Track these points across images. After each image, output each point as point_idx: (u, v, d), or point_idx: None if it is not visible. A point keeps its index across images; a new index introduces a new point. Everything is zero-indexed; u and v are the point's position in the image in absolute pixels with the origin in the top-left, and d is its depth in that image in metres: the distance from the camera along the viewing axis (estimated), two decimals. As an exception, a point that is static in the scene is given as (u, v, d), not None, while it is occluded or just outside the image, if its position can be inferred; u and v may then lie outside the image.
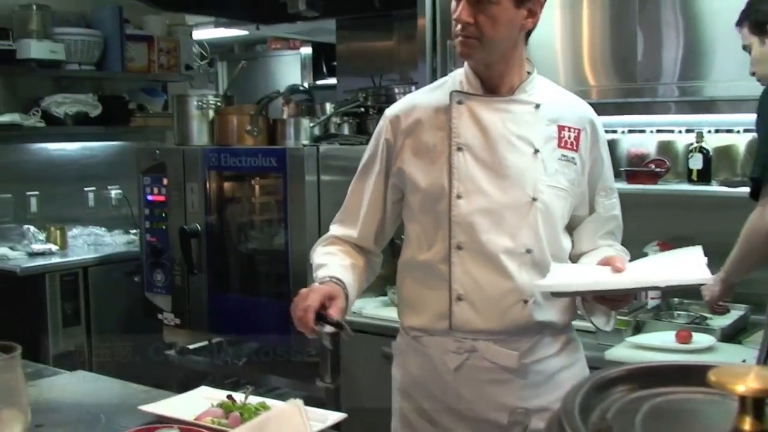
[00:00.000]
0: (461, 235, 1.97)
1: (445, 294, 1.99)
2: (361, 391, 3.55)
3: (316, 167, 3.48)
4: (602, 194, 2.10)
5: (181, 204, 3.85)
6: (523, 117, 1.99)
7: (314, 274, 2.06)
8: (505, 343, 1.98)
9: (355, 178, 2.20)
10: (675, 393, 0.70)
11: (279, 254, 3.58)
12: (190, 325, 3.92)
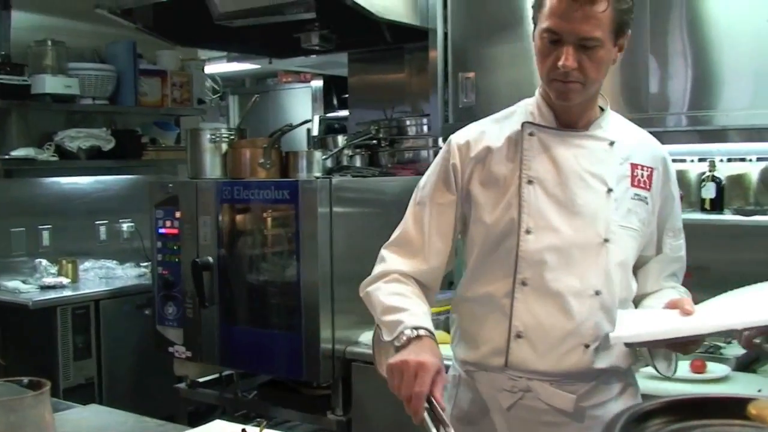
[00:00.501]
0: (527, 271, 1.90)
1: (504, 330, 1.91)
2: (373, 423, 3.53)
3: (329, 199, 3.48)
4: (670, 234, 2.04)
5: (194, 237, 3.85)
6: (598, 154, 1.94)
7: (383, 316, 1.88)
8: (561, 384, 1.91)
9: (416, 205, 2.05)
10: (711, 426, 0.69)
11: (291, 286, 3.57)
12: (201, 357, 3.90)
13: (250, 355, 3.75)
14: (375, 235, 3.69)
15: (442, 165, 2.02)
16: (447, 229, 1.99)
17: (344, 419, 3.58)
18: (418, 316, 1.82)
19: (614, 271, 1.90)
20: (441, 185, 2.00)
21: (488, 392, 1.99)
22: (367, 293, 2.00)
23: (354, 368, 3.55)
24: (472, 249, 2.00)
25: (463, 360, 2.04)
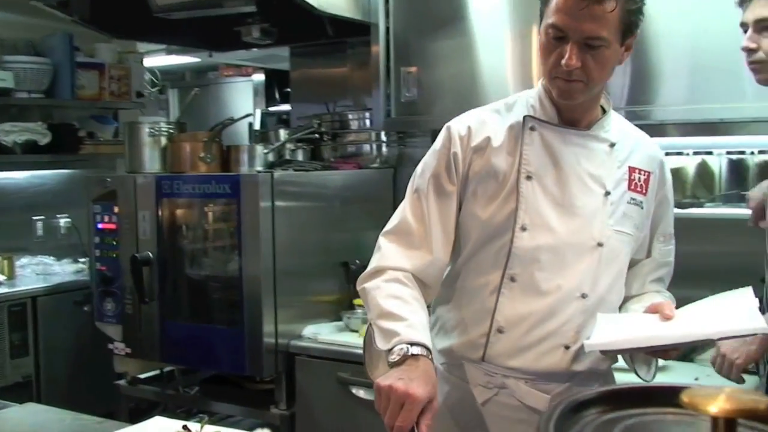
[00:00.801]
0: (518, 267, 1.87)
1: (486, 323, 1.89)
2: (317, 417, 3.53)
3: (271, 193, 3.46)
4: (661, 239, 2.03)
5: (133, 232, 3.80)
6: (598, 155, 1.91)
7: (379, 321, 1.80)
8: (536, 383, 1.90)
9: (414, 194, 1.97)
10: (645, 414, 0.70)
11: (233, 281, 3.55)
12: (142, 354, 3.85)
13: (192, 351, 3.71)
14: (318, 229, 3.73)
15: (443, 153, 1.95)
16: (449, 220, 1.93)
17: (288, 413, 3.58)
18: (416, 329, 1.73)
19: (603, 275, 1.88)
20: (442, 174, 1.93)
21: (464, 386, 1.97)
22: (364, 290, 1.90)
23: (297, 362, 3.55)
24: (464, 242, 1.95)
25: (440, 349, 2.01)
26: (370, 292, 1.86)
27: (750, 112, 2.97)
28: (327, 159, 4.05)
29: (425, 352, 1.69)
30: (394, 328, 1.73)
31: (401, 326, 1.73)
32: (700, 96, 3.00)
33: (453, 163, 1.92)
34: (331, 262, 3.75)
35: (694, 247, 3.41)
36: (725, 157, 3.32)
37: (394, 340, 1.71)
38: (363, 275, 1.93)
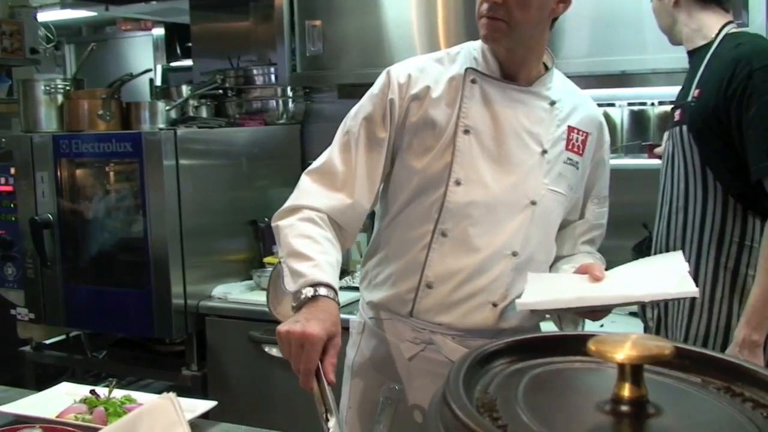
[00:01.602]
0: (450, 222, 1.84)
1: (416, 278, 1.87)
2: (229, 376, 3.52)
3: (175, 152, 3.38)
4: (595, 201, 2.02)
5: (31, 194, 3.68)
6: (538, 113, 1.89)
7: (288, 260, 1.75)
8: (463, 340, 1.88)
9: (344, 135, 1.91)
10: (553, 363, 0.71)
11: (138, 242, 3.47)
12: (46, 319, 3.75)
13: (98, 315, 3.64)
14: (225, 188, 3.68)
15: (380, 98, 1.89)
16: (376, 167, 1.88)
17: (199, 374, 3.55)
18: (322, 269, 1.70)
19: (535, 233, 1.88)
20: (376, 120, 1.88)
21: (392, 341, 1.97)
22: (277, 227, 1.84)
23: (208, 322, 3.51)
24: (397, 194, 1.92)
25: (370, 303, 2.00)
26: (283, 229, 1.82)
27: (651, 64, 3.02)
28: (232, 116, 3.97)
29: (327, 291, 1.66)
30: (300, 269, 1.70)
31: (307, 266, 1.70)
32: (602, 48, 3.04)
33: (389, 110, 1.88)
34: (239, 221, 3.71)
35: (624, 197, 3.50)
36: (627, 108, 3.39)
37: (299, 282, 1.68)
38: (279, 212, 1.87)
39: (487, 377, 0.68)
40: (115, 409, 1.91)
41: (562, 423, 0.59)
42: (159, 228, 3.39)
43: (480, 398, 0.62)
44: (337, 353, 1.60)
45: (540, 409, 0.61)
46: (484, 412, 0.57)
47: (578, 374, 0.71)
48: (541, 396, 0.64)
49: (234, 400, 3.41)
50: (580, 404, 0.63)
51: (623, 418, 0.59)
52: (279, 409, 3.35)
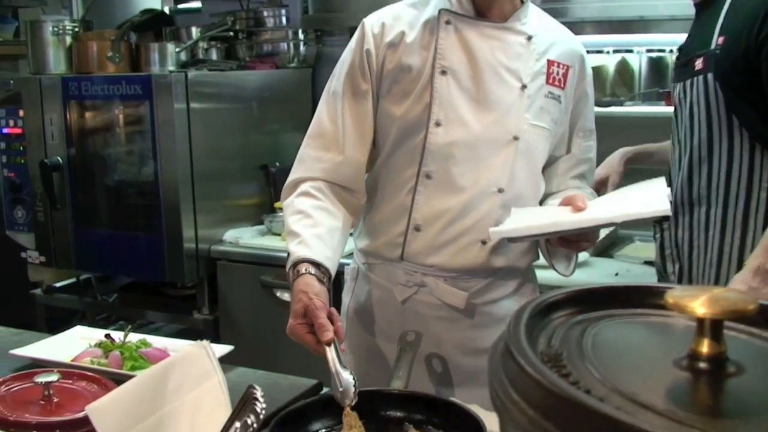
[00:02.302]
0: (433, 164, 1.84)
1: (404, 222, 1.88)
2: (240, 320, 3.52)
3: (185, 94, 3.34)
4: (581, 135, 2.00)
5: (40, 136, 3.65)
6: (515, 48, 1.86)
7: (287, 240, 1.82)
8: (455, 281, 1.90)
9: (329, 95, 1.93)
10: (616, 315, 0.69)
11: (148, 186, 3.45)
12: (56, 262, 3.76)
13: (109, 258, 3.64)
14: (235, 132, 3.64)
15: (357, 51, 1.90)
16: (363, 119, 1.89)
17: (211, 318, 3.56)
18: (305, 245, 1.75)
19: (520, 169, 1.86)
20: (355, 72, 1.89)
21: (384, 285, 1.98)
22: (283, 207, 1.91)
23: (219, 267, 3.51)
24: (382, 142, 1.92)
25: (362, 250, 2.02)
26: (284, 209, 1.89)
27: (665, 10, 2.97)
28: (242, 58, 3.92)
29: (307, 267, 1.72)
30: (290, 248, 1.77)
31: (294, 245, 1.76)
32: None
33: (366, 60, 1.88)
34: (250, 165, 3.68)
35: (614, 146, 3.47)
36: (645, 55, 3.34)
37: (288, 263, 1.75)
38: (283, 191, 1.93)
39: (548, 330, 0.65)
40: (130, 353, 1.90)
41: (637, 380, 0.57)
42: (170, 171, 3.37)
43: (544, 352, 0.59)
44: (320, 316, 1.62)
45: (610, 364, 0.59)
46: (551, 367, 0.55)
47: (645, 328, 0.68)
48: (608, 351, 0.61)
49: (245, 344, 3.41)
50: (652, 360, 0.60)
51: (702, 375, 0.57)
52: (290, 353, 3.34)
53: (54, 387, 1.63)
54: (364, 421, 1.50)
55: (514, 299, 1.97)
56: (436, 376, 1.96)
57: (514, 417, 0.53)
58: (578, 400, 0.49)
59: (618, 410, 0.48)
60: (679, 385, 0.56)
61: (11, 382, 1.69)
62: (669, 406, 0.51)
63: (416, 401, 1.56)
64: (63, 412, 1.56)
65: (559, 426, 0.49)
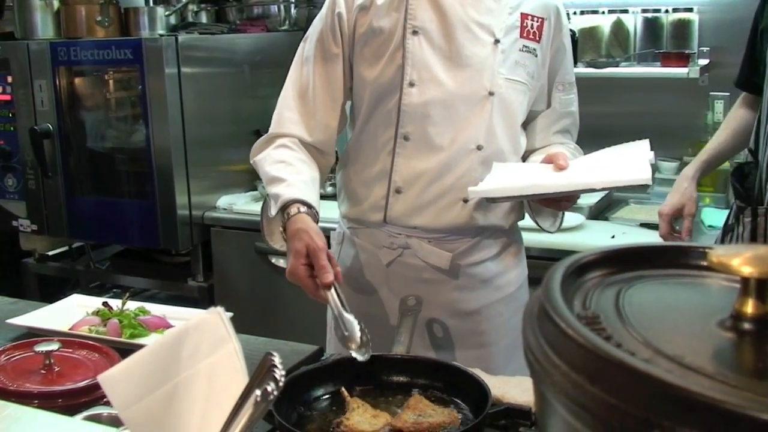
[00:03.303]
0: (409, 125, 1.84)
1: (384, 185, 1.89)
2: (235, 287, 3.51)
3: (176, 59, 3.30)
4: (560, 88, 1.98)
5: (30, 103, 3.60)
6: (486, 3, 1.84)
7: (268, 187, 1.81)
8: (439, 242, 1.91)
9: (301, 59, 1.93)
10: (652, 276, 0.67)
11: (140, 152, 3.42)
12: (48, 230, 3.72)
13: (101, 226, 3.61)
14: (227, 96, 3.60)
15: (328, 15, 1.90)
16: (335, 83, 1.89)
17: (206, 285, 3.54)
18: (294, 187, 1.76)
19: (498, 125, 1.86)
20: (327, 37, 1.89)
21: (369, 249, 1.98)
22: (254, 162, 1.91)
23: (213, 233, 3.49)
24: (358, 106, 1.92)
25: (345, 216, 2.02)
26: (259, 162, 1.88)
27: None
28: (232, 22, 3.87)
29: (300, 207, 1.72)
30: (277, 192, 1.76)
31: (282, 188, 1.76)
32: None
33: (338, 24, 1.88)
34: (243, 131, 3.64)
35: (609, 107, 3.46)
36: (640, 15, 3.31)
37: (278, 204, 1.75)
38: (254, 148, 1.93)
39: (582, 291, 0.64)
40: (129, 321, 1.89)
41: (681, 342, 0.55)
42: (161, 137, 3.33)
43: (581, 314, 0.58)
44: (321, 257, 1.63)
45: (650, 326, 0.57)
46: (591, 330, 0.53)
47: (682, 289, 0.67)
48: (647, 312, 0.60)
49: (240, 310, 3.37)
50: (693, 322, 0.59)
51: (748, 336, 0.55)
52: (286, 319, 3.35)
53: (54, 356, 1.61)
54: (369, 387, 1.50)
55: (499, 260, 1.98)
56: (428, 337, 1.97)
57: (556, 381, 0.52)
58: (627, 363, 0.48)
59: (669, 373, 0.47)
60: (725, 346, 0.55)
61: (11, 351, 1.67)
62: (718, 369, 0.50)
63: (419, 366, 1.55)
64: (64, 382, 1.55)
65: (606, 390, 0.48)
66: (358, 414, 1.38)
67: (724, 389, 0.47)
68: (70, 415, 1.32)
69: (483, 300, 1.96)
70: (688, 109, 3.36)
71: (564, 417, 0.53)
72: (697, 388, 0.44)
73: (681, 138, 3.36)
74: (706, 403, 0.44)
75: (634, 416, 0.46)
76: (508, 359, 1.98)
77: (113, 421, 0.83)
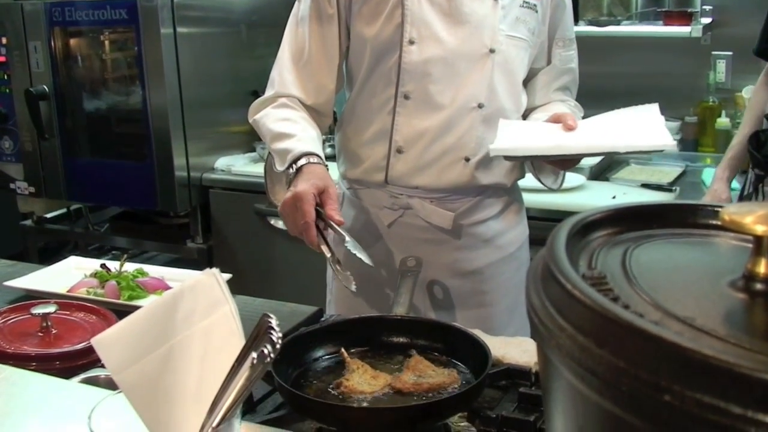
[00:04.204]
0: (410, 83, 1.81)
1: (385, 145, 1.86)
2: (234, 248, 3.50)
3: (172, 19, 3.26)
4: (560, 44, 1.95)
5: (25, 64, 3.57)
6: None
7: (273, 144, 1.79)
8: (441, 202, 1.89)
9: (295, 19, 1.90)
10: (658, 236, 0.65)
11: (137, 114, 3.39)
12: (46, 193, 3.71)
13: (99, 188, 3.59)
14: (224, 57, 3.56)
15: None
16: (331, 43, 1.86)
17: (205, 247, 3.53)
18: (304, 141, 1.74)
19: (499, 82, 1.83)
20: None
21: (370, 209, 1.96)
22: (255, 121, 1.88)
23: (212, 195, 3.47)
24: (357, 66, 1.89)
25: (346, 177, 2.00)
26: (260, 120, 1.86)
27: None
28: (229, -20, 3.81)
29: (310, 158, 1.71)
30: (285, 147, 1.74)
31: (291, 143, 1.74)
32: None
33: None
34: (241, 91, 3.60)
35: (611, 66, 3.42)
36: (642, -29, 3.26)
37: (287, 158, 1.73)
38: (252, 107, 1.90)
39: (587, 251, 0.62)
40: (127, 283, 1.87)
41: (691, 303, 0.53)
42: (158, 99, 3.30)
43: (586, 275, 0.56)
44: (335, 200, 1.65)
45: (658, 287, 0.55)
46: (597, 291, 0.51)
47: (690, 248, 0.65)
48: (655, 273, 0.58)
49: (240, 272, 3.40)
50: (703, 282, 0.57)
51: (761, 297, 0.53)
52: (285, 280, 3.35)
53: (52, 318, 1.60)
54: (366, 349, 1.49)
55: (500, 219, 1.96)
56: (428, 298, 1.96)
57: (562, 344, 0.50)
58: (637, 325, 0.46)
59: (681, 336, 0.45)
60: (737, 308, 0.53)
61: (8, 314, 1.65)
62: (731, 331, 0.48)
63: (419, 327, 1.54)
64: (62, 344, 1.54)
65: (614, 353, 0.46)
66: (357, 375, 1.37)
67: (738, 352, 0.46)
68: (67, 377, 1.31)
69: (485, 259, 1.95)
70: (690, 68, 3.33)
71: (569, 381, 0.51)
72: (710, 351, 0.43)
73: (683, 98, 3.33)
74: (720, 366, 0.42)
75: (643, 381, 0.45)
76: (509, 319, 1.98)
77: (110, 383, 0.82)
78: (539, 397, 1.31)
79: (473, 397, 1.29)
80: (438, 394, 1.32)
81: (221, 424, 0.78)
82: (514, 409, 1.33)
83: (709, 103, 3.34)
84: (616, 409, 0.47)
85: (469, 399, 1.28)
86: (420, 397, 1.31)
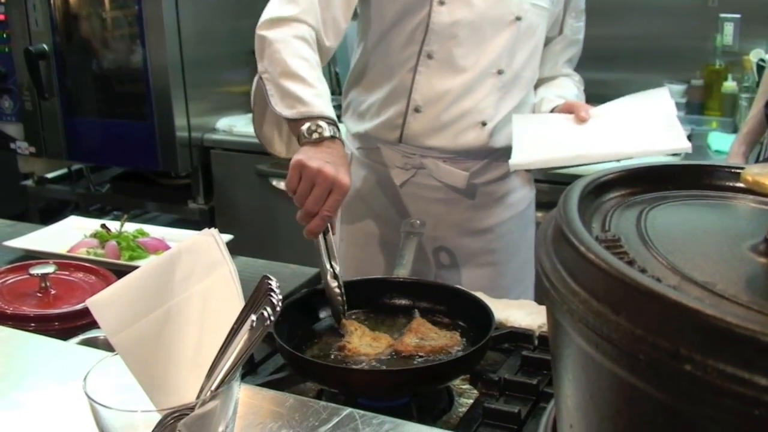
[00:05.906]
0: (435, 44, 1.78)
1: (403, 103, 1.83)
2: (236, 209, 3.49)
3: (172, -25, 3.21)
4: (573, 15, 1.95)
5: (24, 23, 3.52)
6: None
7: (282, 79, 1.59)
8: (455, 162, 1.87)
9: None
10: (673, 198, 0.63)
11: (138, 73, 3.35)
12: (47, 153, 3.68)
13: (100, 148, 3.57)
14: (226, 16, 3.51)
15: None
16: None
17: (206, 207, 3.52)
18: (325, 101, 1.57)
19: (520, 50, 1.82)
20: None
21: (381, 169, 1.93)
22: (265, 38, 1.64)
23: (213, 155, 3.45)
24: (378, 18, 1.82)
25: (356, 134, 1.96)
26: (274, 43, 1.62)
27: None
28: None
29: (338, 133, 1.56)
30: (301, 95, 1.56)
31: (310, 94, 1.56)
32: None
33: None
34: (242, 51, 3.54)
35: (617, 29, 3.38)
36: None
37: (302, 110, 1.56)
38: (265, 20, 1.66)
39: (601, 213, 0.59)
40: (127, 243, 1.86)
41: (711, 268, 0.51)
42: (159, 58, 3.27)
43: (600, 237, 0.54)
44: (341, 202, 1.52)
45: (675, 250, 0.53)
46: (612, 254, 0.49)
47: (708, 211, 0.63)
48: (671, 235, 0.55)
49: (242, 233, 3.37)
50: (723, 246, 0.54)
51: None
52: (285, 241, 3.33)
53: (51, 279, 1.58)
54: (367, 311, 1.48)
55: (510, 179, 1.95)
56: (434, 259, 1.95)
57: (575, 309, 0.48)
58: (655, 290, 0.43)
59: (701, 302, 0.43)
60: (759, 273, 0.51)
61: (6, 274, 1.64)
62: (753, 298, 0.46)
63: (422, 289, 1.53)
64: (61, 304, 1.52)
65: (631, 320, 0.44)
66: (356, 337, 1.36)
67: (761, 319, 0.43)
68: (66, 338, 1.29)
69: (496, 218, 1.94)
70: (697, 31, 3.28)
71: (582, 348, 0.49)
72: (732, 318, 0.40)
73: (689, 61, 3.29)
74: (743, 335, 0.40)
75: (662, 349, 0.43)
76: (517, 280, 1.98)
77: (109, 345, 0.80)
78: (542, 360, 1.30)
79: (476, 360, 1.28)
80: (440, 356, 1.31)
81: (220, 387, 0.77)
82: (517, 372, 1.32)
83: (715, 66, 3.30)
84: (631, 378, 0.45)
85: (471, 362, 1.27)
86: (422, 360, 1.30)
